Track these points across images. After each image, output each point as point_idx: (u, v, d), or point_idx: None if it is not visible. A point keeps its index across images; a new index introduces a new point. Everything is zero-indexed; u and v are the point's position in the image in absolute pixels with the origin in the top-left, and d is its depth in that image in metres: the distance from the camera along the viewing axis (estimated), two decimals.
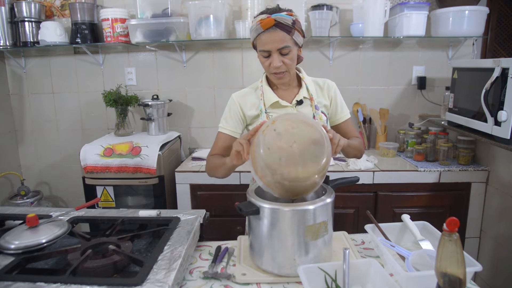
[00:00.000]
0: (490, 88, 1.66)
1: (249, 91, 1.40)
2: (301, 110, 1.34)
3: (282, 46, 1.19)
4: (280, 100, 1.33)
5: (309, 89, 1.36)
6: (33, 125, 2.70)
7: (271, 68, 1.24)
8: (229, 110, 1.38)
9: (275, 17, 1.17)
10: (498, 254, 1.97)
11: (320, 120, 1.33)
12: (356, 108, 2.51)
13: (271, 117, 1.31)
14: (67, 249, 1.01)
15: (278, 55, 1.21)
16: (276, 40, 1.19)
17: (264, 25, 1.17)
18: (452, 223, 0.68)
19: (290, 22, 1.19)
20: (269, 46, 1.20)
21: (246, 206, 0.99)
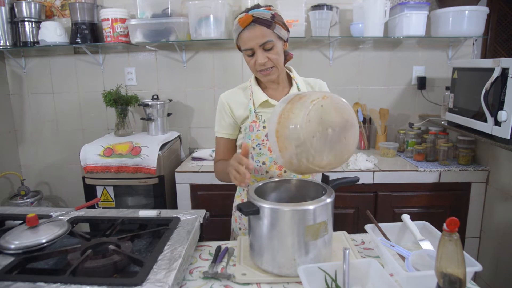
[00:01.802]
0: (490, 88, 1.66)
1: (237, 90, 1.36)
2: None
3: (264, 41, 1.16)
4: (270, 99, 1.29)
5: (300, 89, 1.33)
6: (33, 125, 2.70)
7: (257, 66, 1.21)
8: (220, 112, 1.36)
9: (253, 13, 1.15)
10: (498, 254, 1.97)
11: None
12: (356, 108, 2.50)
13: (261, 117, 1.29)
14: (67, 249, 1.01)
15: (262, 51, 1.18)
16: (256, 36, 1.16)
17: (243, 23, 1.15)
18: (452, 223, 0.68)
19: (269, 16, 1.16)
20: (251, 43, 1.17)
21: (246, 206, 0.99)
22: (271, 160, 1.30)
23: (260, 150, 1.29)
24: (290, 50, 2.47)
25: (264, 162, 1.30)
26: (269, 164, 1.30)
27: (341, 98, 1.08)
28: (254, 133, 1.28)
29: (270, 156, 1.29)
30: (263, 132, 1.27)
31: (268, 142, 1.26)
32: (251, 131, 1.28)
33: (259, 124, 1.28)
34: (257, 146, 1.29)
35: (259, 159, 1.31)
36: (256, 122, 1.28)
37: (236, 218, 1.45)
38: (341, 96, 1.43)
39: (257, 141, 1.29)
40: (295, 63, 2.50)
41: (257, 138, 1.28)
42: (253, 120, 1.29)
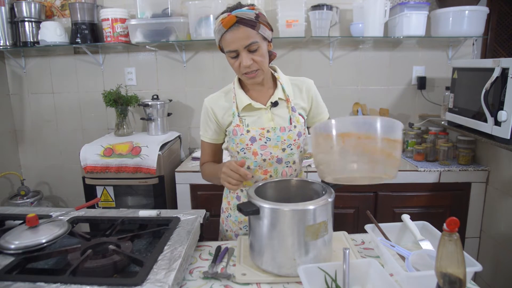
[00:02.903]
0: (490, 88, 1.66)
1: (220, 94, 1.32)
2: (276, 112, 1.26)
3: (249, 43, 1.12)
4: (253, 102, 1.24)
5: (285, 90, 1.28)
6: (33, 125, 2.70)
7: (241, 69, 1.16)
8: (203, 116, 1.33)
9: (236, 13, 1.10)
10: (498, 254, 1.97)
11: (297, 123, 1.26)
12: (356, 108, 2.51)
13: (245, 120, 1.25)
14: (67, 249, 1.01)
15: (247, 53, 1.13)
16: (241, 38, 1.11)
17: (226, 24, 1.10)
18: (452, 223, 0.68)
19: (253, 16, 1.11)
20: (235, 45, 1.12)
21: (246, 206, 0.99)
22: (256, 165, 1.26)
23: (244, 155, 1.26)
24: (291, 50, 2.51)
25: (249, 167, 1.27)
26: (253, 169, 1.27)
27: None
28: (238, 137, 1.24)
29: (255, 160, 1.25)
30: (246, 136, 1.23)
31: (252, 146, 1.24)
32: (235, 135, 1.25)
33: (243, 128, 1.24)
34: (241, 151, 1.25)
35: None
36: (239, 126, 1.24)
37: (223, 220, 1.44)
38: (341, 96, 1.41)
39: (241, 145, 1.25)
40: (295, 63, 2.51)
41: (241, 142, 1.24)
42: (236, 124, 1.25)
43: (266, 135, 1.23)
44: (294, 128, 1.25)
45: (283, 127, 1.24)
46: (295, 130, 1.25)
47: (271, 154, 1.24)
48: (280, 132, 1.23)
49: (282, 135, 1.24)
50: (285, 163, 1.27)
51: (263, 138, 1.23)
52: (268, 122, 1.25)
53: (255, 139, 1.24)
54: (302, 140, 1.28)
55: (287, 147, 1.25)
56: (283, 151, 1.25)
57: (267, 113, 1.25)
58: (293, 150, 1.27)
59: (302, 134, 1.27)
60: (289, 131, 1.24)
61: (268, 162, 1.25)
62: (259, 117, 1.25)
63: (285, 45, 2.49)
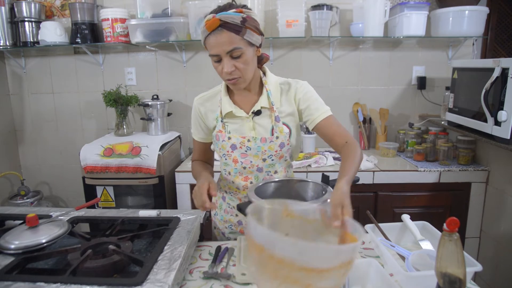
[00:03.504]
0: (490, 88, 1.66)
1: (210, 95, 1.30)
2: (259, 121, 1.21)
3: (231, 49, 1.05)
4: (235, 109, 1.21)
5: (271, 97, 1.20)
6: (33, 125, 2.70)
7: (223, 74, 1.11)
8: (193, 116, 1.32)
9: (220, 16, 1.03)
10: (498, 254, 1.97)
11: (280, 134, 1.19)
12: (356, 108, 2.51)
13: (227, 127, 1.23)
14: (67, 249, 1.01)
15: (229, 59, 1.07)
16: (223, 43, 1.05)
17: (209, 27, 1.04)
18: (452, 223, 0.68)
19: (239, 21, 1.04)
20: (217, 49, 1.06)
21: (246, 206, 0.99)
22: (236, 171, 1.26)
23: (226, 160, 1.26)
24: (291, 50, 2.51)
25: (230, 172, 1.28)
26: (234, 175, 1.28)
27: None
28: (220, 143, 1.24)
29: (235, 167, 1.25)
30: (228, 143, 1.22)
31: (233, 154, 1.23)
32: (218, 140, 1.25)
33: (225, 135, 1.22)
34: (223, 156, 1.26)
35: (226, 168, 1.30)
36: (222, 132, 1.23)
37: (212, 217, 1.45)
38: (341, 96, 1.40)
39: (223, 151, 1.25)
40: (295, 63, 2.51)
41: (222, 148, 1.24)
42: (219, 130, 1.24)
43: (247, 144, 1.21)
44: (276, 139, 1.20)
45: (264, 138, 1.20)
46: (277, 141, 1.20)
47: (251, 163, 1.23)
48: (260, 142, 1.20)
49: (262, 145, 1.20)
50: (265, 172, 1.26)
51: (243, 147, 1.21)
52: (249, 131, 1.21)
53: (236, 147, 1.22)
54: (286, 150, 1.23)
55: (268, 158, 1.22)
56: (264, 161, 1.23)
57: (249, 122, 1.21)
58: (274, 161, 1.24)
59: (285, 145, 1.21)
60: (270, 142, 1.20)
61: (248, 169, 1.25)
62: (241, 125, 1.22)
63: (285, 45, 2.49)
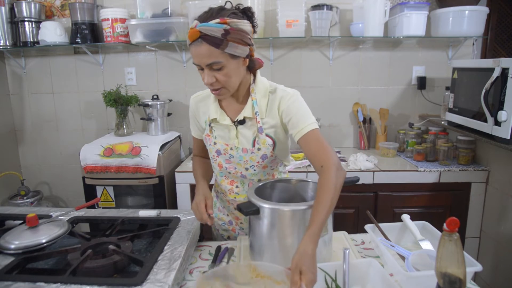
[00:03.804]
0: (490, 88, 1.66)
1: (205, 96, 1.26)
2: (242, 131, 1.18)
3: (210, 62, 1.02)
4: (220, 116, 1.19)
5: (256, 107, 1.16)
6: (33, 125, 2.70)
7: (205, 84, 1.09)
8: (190, 113, 1.31)
9: (200, 28, 0.98)
10: (498, 254, 1.97)
11: (262, 145, 1.16)
12: (356, 108, 2.51)
13: (214, 132, 1.22)
14: (67, 249, 1.01)
15: (210, 70, 1.04)
16: (201, 55, 1.02)
17: (190, 37, 1.01)
18: (452, 223, 0.68)
19: (220, 34, 0.98)
20: (197, 60, 1.04)
21: (246, 206, 0.99)
22: (222, 175, 1.28)
23: (213, 164, 1.29)
24: (291, 50, 2.51)
25: (217, 175, 1.31)
26: (220, 178, 1.30)
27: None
28: (208, 146, 1.25)
29: (220, 171, 1.27)
30: (213, 148, 1.23)
31: (218, 159, 1.24)
32: (206, 143, 1.26)
33: (211, 139, 1.23)
34: (211, 159, 1.29)
35: (214, 171, 1.32)
36: (209, 136, 1.23)
37: None
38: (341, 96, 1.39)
39: (210, 154, 1.27)
40: (295, 63, 2.51)
41: (210, 151, 1.26)
42: (207, 133, 1.24)
43: (230, 152, 1.21)
44: (258, 150, 1.17)
45: (245, 149, 1.18)
46: (259, 153, 1.18)
47: (235, 169, 1.24)
48: (242, 152, 1.19)
49: (244, 155, 1.19)
50: (249, 179, 1.26)
51: (227, 154, 1.22)
52: (233, 139, 1.20)
53: (220, 153, 1.23)
54: (269, 161, 1.21)
55: (250, 167, 1.22)
56: (246, 170, 1.23)
57: (233, 130, 1.19)
58: (257, 170, 1.23)
59: (268, 156, 1.19)
60: (251, 153, 1.18)
61: (233, 175, 1.26)
62: (226, 132, 1.21)
63: (285, 45, 2.49)
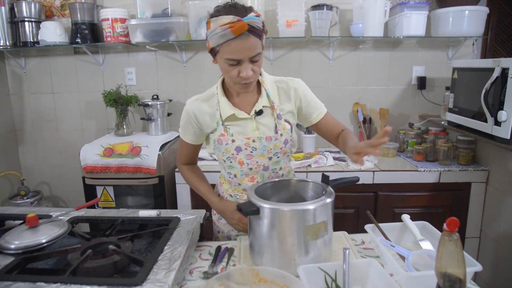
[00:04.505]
0: (490, 88, 1.66)
1: (204, 98, 1.25)
2: (261, 121, 1.22)
3: (255, 54, 1.05)
4: (237, 112, 1.20)
5: (270, 96, 1.22)
6: (33, 125, 2.70)
7: (240, 78, 1.09)
8: (184, 119, 1.27)
9: (248, 21, 1.00)
10: (498, 254, 1.97)
11: (283, 131, 1.21)
12: (356, 108, 2.51)
13: (229, 130, 1.22)
14: (67, 249, 1.01)
15: (248, 64, 1.06)
16: (249, 48, 1.03)
17: (236, 31, 0.99)
18: (452, 223, 0.68)
19: (261, 25, 1.04)
20: (241, 54, 1.04)
21: (246, 206, 0.99)
22: (242, 173, 1.26)
23: (231, 163, 1.25)
24: (291, 50, 2.51)
25: (236, 175, 1.27)
26: (240, 177, 1.27)
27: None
28: (223, 147, 1.22)
29: (241, 169, 1.25)
30: (232, 146, 1.21)
31: (238, 156, 1.22)
32: (220, 144, 1.22)
33: (228, 138, 1.21)
34: (227, 159, 1.24)
35: (230, 172, 1.28)
36: (224, 135, 1.21)
37: (215, 221, 1.44)
38: (341, 96, 1.40)
39: (227, 154, 1.23)
40: (295, 63, 2.51)
41: (226, 151, 1.22)
42: (221, 134, 1.21)
43: (252, 144, 1.20)
44: (280, 136, 1.21)
45: (269, 137, 1.20)
46: (281, 138, 1.22)
47: (257, 163, 1.23)
48: (266, 141, 1.20)
49: (268, 144, 1.21)
50: (271, 170, 1.26)
51: (248, 148, 1.21)
52: (253, 131, 1.21)
53: (241, 149, 1.21)
54: (289, 146, 1.25)
55: (274, 156, 1.23)
56: (270, 159, 1.23)
57: (251, 122, 1.21)
58: (280, 158, 1.25)
59: (288, 141, 1.24)
60: (275, 140, 1.21)
61: (254, 170, 1.25)
62: (244, 126, 1.22)
63: (285, 45, 2.49)
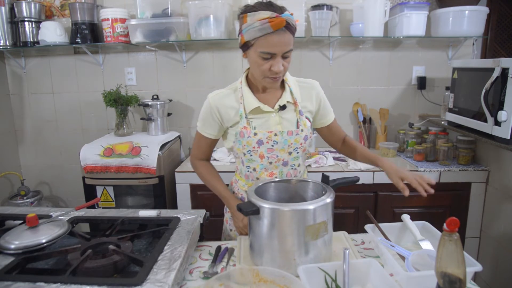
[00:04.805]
0: (490, 88, 1.66)
1: (227, 92, 1.28)
2: (284, 116, 1.26)
3: (289, 49, 1.13)
4: (262, 105, 1.23)
5: (293, 92, 1.27)
6: (33, 125, 2.70)
7: (271, 72, 1.14)
8: (205, 113, 1.29)
9: (286, 17, 1.08)
10: (498, 254, 1.97)
11: (304, 127, 1.26)
12: (356, 108, 2.51)
13: (252, 123, 1.24)
14: (67, 249, 1.01)
15: (281, 58, 1.13)
16: (285, 43, 1.10)
17: (275, 26, 1.06)
18: (452, 223, 0.68)
19: (295, 24, 1.14)
20: (277, 48, 1.10)
21: (246, 206, 0.99)
22: (262, 167, 1.27)
23: (251, 157, 1.26)
24: None
25: (255, 169, 1.28)
26: (259, 171, 1.28)
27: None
28: (245, 139, 1.23)
29: (261, 163, 1.26)
30: (254, 139, 1.23)
31: (259, 149, 1.24)
32: (242, 137, 1.24)
33: (250, 131, 1.23)
34: (247, 153, 1.26)
35: (249, 165, 1.29)
36: (247, 128, 1.23)
37: (227, 219, 1.45)
38: (341, 96, 1.42)
39: (248, 147, 1.24)
40: (295, 63, 2.51)
41: (248, 144, 1.24)
42: (244, 126, 1.23)
43: (274, 138, 1.23)
44: (301, 132, 1.26)
45: (290, 131, 1.24)
46: (302, 134, 1.26)
47: (277, 157, 1.26)
48: (287, 135, 1.24)
49: (289, 138, 1.24)
50: (290, 166, 1.29)
51: (270, 141, 1.24)
52: (275, 125, 1.25)
53: (262, 142, 1.24)
54: (308, 143, 1.29)
55: (294, 151, 1.27)
56: (290, 154, 1.27)
57: (274, 117, 1.25)
58: (299, 154, 1.28)
59: (308, 138, 1.28)
60: (296, 135, 1.25)
61: (274, 164, 1.27)
62: (267, 120, 1.25)
63: None
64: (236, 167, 1.39)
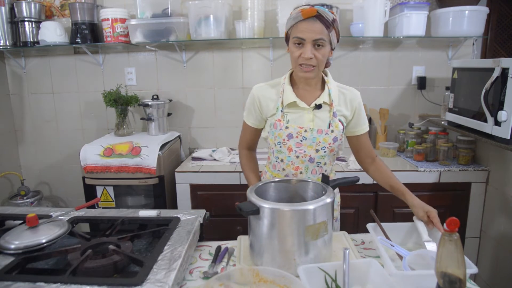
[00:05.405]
0: (490, 88, 1.66)
1: (272, 85, 1.37)
2: (318, 115, 1.30)
3: (318, 38, 1.17)
4: (298, 100, 1.29)
5: (331, 95, 1.31)
6: (33, 125, 2.70)
7: (300, 59, 1.20)
8: (249, 103, 1.38)
9: (318, 8, 1.16)
10: (498, 254, 1.97)
11: (335, 128, 1.29)
12: None
13: (286, 116, 1.30)
14: (67, 249, 1.01)
15: (311, 47, 1.18)
16: (313, 30, 1.16)
17: (305, 14, 1.15)
18: (452, 223, 0.68)
19: (331, 18, 1.18)
20: (305, 34, 1.17)
21: (246, 206, 0.99)
22: (289, 160, 1.31)
23: (280, 148, 1.32)
24: None
25: (283, 160, 1.33)
26: (286, 163, 1.32)
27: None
28: (277, 131, 1.30)
29: (288, 155, 1.31)
30: (285, 132, 1.29)
31: (289, 142, 1.29)
32: (275, 129, 1.30)
33: (283, 124, 1.29)
34: (277, 144, 1.31)
35: (278, 156, 1.34)
36: (280, 120, 1.29)
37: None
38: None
39: (279, 139, 1.30)
40: None
41: (279, 136, 1.30)
42: (278, 119, 1.30)
43: (303, 134, 1.28)
44: (332, 132, 1.28)
45: (320, 130, 1.28)
46: (332, 135, 1.29)
47: (304, 153, 1.29)
48: (317, 133, 1.28)
49: (318, 136, 1.28)
50: (316, 163, 1.32)
51: (299, 137, 1.28)
52: (308, 122, 1.29)
53: (292, 136, 1.28)
54: (337, 145, 1.32)
55: (321, 149, 1.29)
56: (317, 152, 1.29)
57: (309, 114, 1.29)
58: (326, 153, 1.31)
59: (338, 140, 1.30)
60: (325, 134, 1.28)
61: (300, 159, 1.30)
62: (301, 116, 1.29)
63: (285, 45, 2.47)
64: (267, 157, 1.44)
